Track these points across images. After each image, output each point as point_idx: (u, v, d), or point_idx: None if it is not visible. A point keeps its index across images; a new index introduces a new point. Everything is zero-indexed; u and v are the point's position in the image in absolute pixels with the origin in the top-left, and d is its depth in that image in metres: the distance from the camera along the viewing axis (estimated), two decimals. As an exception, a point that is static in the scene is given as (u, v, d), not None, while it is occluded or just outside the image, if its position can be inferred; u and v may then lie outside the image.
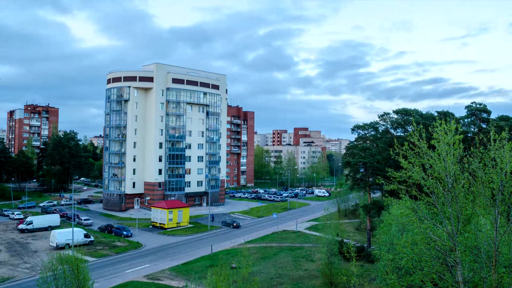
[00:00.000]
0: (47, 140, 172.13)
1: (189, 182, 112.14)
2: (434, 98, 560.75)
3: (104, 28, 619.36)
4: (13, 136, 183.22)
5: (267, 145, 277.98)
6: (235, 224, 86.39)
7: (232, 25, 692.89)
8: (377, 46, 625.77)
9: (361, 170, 70.76)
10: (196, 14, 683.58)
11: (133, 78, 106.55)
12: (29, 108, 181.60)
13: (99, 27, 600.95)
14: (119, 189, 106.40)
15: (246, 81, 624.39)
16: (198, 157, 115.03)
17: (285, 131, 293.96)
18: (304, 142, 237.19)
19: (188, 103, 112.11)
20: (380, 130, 79.13)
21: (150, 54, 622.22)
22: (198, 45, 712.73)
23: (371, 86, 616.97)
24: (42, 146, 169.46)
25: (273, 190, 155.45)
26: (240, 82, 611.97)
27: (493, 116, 77.55)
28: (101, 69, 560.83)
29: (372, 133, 76.87)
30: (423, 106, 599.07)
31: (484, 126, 74.66)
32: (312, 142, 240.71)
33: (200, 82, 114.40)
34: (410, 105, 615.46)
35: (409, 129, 73.80)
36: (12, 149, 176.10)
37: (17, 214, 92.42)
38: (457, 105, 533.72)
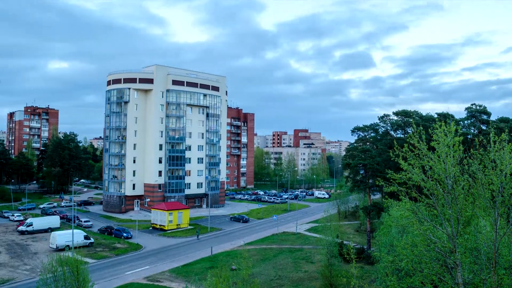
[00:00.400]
0: (47, 142, 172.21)
1: (189, 183, 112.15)
2: (491, 100, 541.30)
3: (205, 20, 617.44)
4: (13, 138, 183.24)
5: (267, 146, 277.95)
6: (244, 220, 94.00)
7: (346, 20, 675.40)
8: (494, 41, 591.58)
9: (361, 172, 70.74)
10: (316, 6, 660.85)
11: (133, 80, 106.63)
12: (29, 110, 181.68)
13: (198, 19, 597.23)
14: (119, 191, 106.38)
15: (312, 83, 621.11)
16: (198, 158, 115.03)
17: (285, 133, 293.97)
18: (304, 144, 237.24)
19: (188, 105, 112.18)
20: (380, 132, 79.16)
21: (243, 50, 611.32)
22: (294, 39, 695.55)
23: (433, 87, 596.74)
24: (42, 148, 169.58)
25: (273, 191, 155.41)
26: (307, 83, 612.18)
27: (493, 118, 77.62)
28: (188, 65, 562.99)
29: (372, 134, 76.85)
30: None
31: (484, 127, 74.66)
32: (312, 144, 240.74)
33: (200, 84, 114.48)
34: (460, 107, 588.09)
35: (409, 131, 73.84)
36: (12, 150, 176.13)
37: (17, 216, 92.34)
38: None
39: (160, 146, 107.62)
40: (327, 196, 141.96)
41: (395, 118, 79.06)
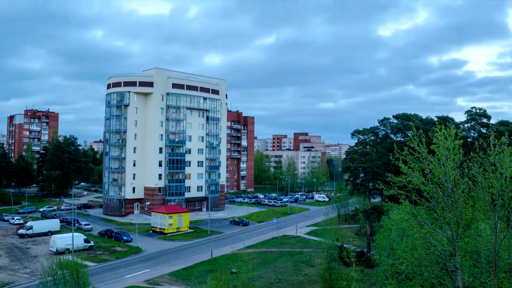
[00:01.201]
0: (47, 145, 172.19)
1: (189, 187, 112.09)
2: None
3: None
4: (13, 141, 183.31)
5: (267, 150, 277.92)
6: (244, 223, 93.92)
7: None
8: None
9: (361, 175, 70.79)
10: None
11: (133, 83, 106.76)
12: (29, 113, 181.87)
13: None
14: (119, 194, 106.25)
15: (454, 84, 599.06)
16: (198, 162, 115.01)
17: (285, 136, 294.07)
18: (304, 147, 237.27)
19: (188, 108, 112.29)
20: (380, 135, 79.31)
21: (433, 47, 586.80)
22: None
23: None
24: (42, 151, 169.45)
25: (273, 195, 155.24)
26: (443, 85, 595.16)
27: (493, 121, 77.79)
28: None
29: (372, 138, 76.99)
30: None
31: (484, 131, 74.78)
32: (312, 147, 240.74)
33: (200, 87, 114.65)
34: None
35: (409, 134, 73.95)
36: (12, 154, 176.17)
37: (17, 219, 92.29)
38: None
39: (160, 149, 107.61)
40: (327, 199, 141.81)
41: (395, 121, 79.23)
